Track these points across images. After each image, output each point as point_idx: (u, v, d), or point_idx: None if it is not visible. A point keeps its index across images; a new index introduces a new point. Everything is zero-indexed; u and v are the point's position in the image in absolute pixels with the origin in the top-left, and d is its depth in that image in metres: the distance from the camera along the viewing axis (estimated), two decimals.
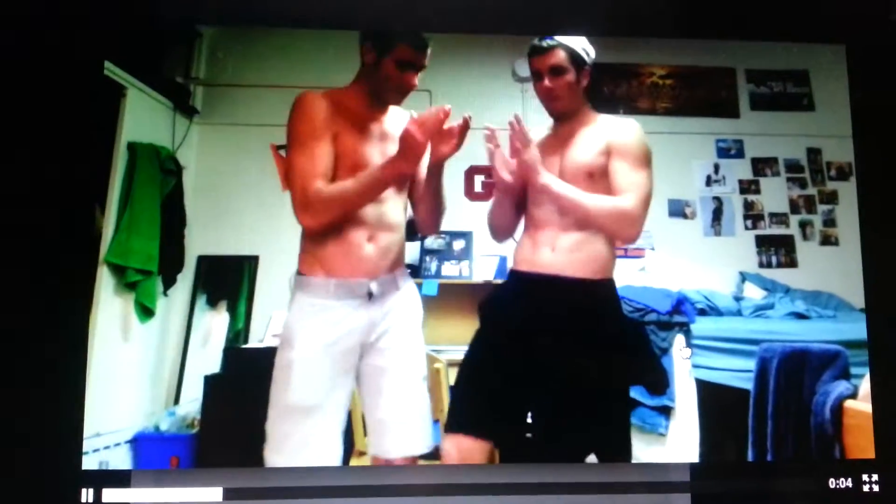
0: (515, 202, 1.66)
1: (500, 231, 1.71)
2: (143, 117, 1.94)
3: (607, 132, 1.63)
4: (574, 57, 1.63)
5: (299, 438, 1.46)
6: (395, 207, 1.59)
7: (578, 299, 1.60)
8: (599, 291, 1.62)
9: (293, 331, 1.52)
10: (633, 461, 1.65)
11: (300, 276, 1.57)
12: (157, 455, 1.74)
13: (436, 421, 1.68)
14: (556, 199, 1.59)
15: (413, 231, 2.09)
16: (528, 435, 1.63)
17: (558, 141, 1.67)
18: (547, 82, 1.63)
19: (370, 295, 1.53)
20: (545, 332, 1.58)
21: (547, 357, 1.56)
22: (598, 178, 1.61)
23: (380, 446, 1.53)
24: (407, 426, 1.54)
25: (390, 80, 1.57)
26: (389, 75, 1.56)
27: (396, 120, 1.62)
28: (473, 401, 1.60)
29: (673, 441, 1.89)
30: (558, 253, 1.60)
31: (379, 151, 1.57)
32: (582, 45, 1.64)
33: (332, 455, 1.48)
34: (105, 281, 1.78)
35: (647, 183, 1.60)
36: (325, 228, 1.52)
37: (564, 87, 1.63)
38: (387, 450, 1.52)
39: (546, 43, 1.63)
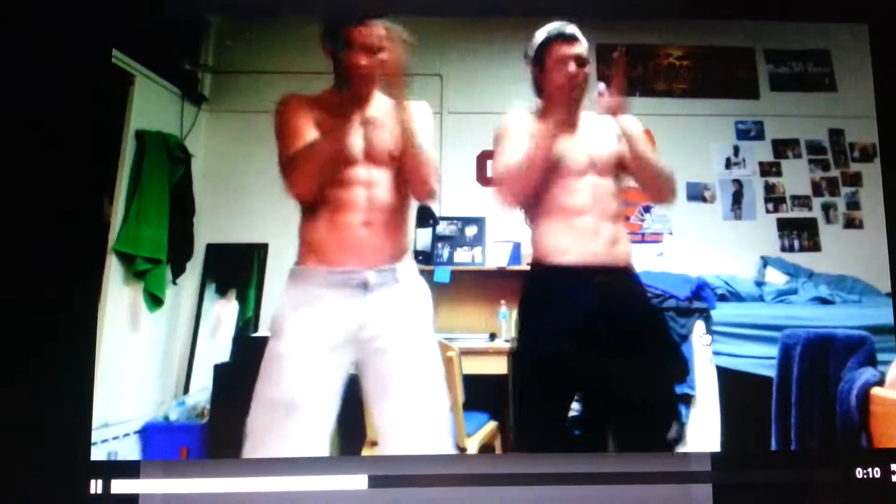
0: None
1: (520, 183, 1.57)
2: (151, 105, 1.93)
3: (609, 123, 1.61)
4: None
5: (280, 434, 1.38)
6: (387, 188, 1.52)
7: (630, 287, 1.58)
8: (635, 277, 1.60)
9: (282, 322, 1.43)
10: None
11: (294, 267, 1.51)
12: (166, 445, 1.73)
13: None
14: (634, 134, 1.57)
15: (424, 217, 2.07)
16: None
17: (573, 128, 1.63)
18: (573, 69, 1.58)
19: (365, 286, 1.48)
20: (613, 327, 1.53)
21: (610, 356, 1.53)
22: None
23: (396, 448, 1.48)
24: (421, 430, 1.48)
25: (351, 69, 1.51)
26: (348, 64, 1.51)
27: (381, 106, 1.57)
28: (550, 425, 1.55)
29: (693, 430, 1.86)
30: (602, 241, 1.56)
31: (362, 136, 1.53)
32: None
33: (316, 453, 1.41)
34: (114, 270, 1.78)
35: None
36: (312, 193, 1.45)
37: (586, 79, 1.59)
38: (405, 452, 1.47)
39: (569, 31, 1.59)
